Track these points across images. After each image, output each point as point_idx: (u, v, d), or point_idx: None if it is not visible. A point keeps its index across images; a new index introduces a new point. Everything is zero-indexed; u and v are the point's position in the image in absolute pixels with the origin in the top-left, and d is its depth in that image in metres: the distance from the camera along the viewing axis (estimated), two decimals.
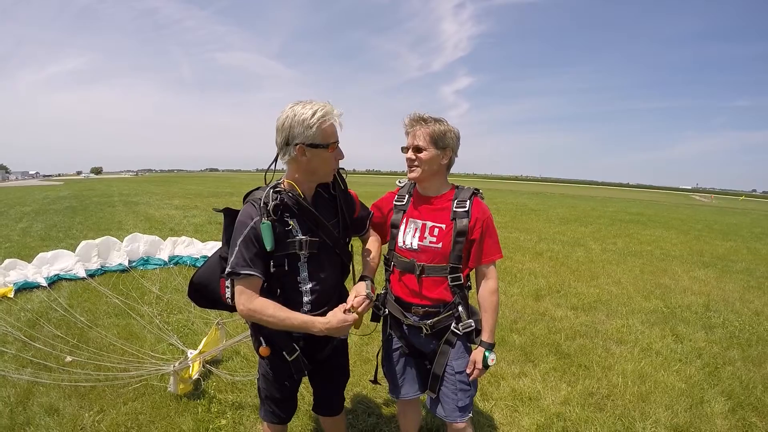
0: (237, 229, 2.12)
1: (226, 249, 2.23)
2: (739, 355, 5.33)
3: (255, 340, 2.35)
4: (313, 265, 2.26)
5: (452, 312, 2.50)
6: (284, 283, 2.23)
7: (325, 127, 2.06)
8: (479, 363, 2.45)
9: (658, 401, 4.15)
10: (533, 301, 7.10)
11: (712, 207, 49.49)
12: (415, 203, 2.59)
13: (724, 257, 12.41)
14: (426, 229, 2.49)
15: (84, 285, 6.96)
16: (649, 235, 16.46)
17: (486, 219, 2.46)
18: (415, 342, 2.63)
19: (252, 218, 2.09)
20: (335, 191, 2.39)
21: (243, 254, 2.07)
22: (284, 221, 2.15)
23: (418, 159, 2.41)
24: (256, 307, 2.08)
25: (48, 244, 10.22)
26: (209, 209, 18.84)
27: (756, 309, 7.34)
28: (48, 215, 16.72)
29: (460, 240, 2.41)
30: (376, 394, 4.07)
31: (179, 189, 37.49)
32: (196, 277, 2.49)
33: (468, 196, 2.49)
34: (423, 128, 2.39)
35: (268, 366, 2.43)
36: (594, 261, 10.76)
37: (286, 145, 2.09)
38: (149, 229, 12.54)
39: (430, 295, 2.49)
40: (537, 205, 31.01)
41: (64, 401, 3.82)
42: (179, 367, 3.88)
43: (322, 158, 2.13)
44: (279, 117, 2.10)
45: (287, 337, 2.26)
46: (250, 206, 2.13)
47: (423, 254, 2.47)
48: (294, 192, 2.18)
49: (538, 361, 4.85)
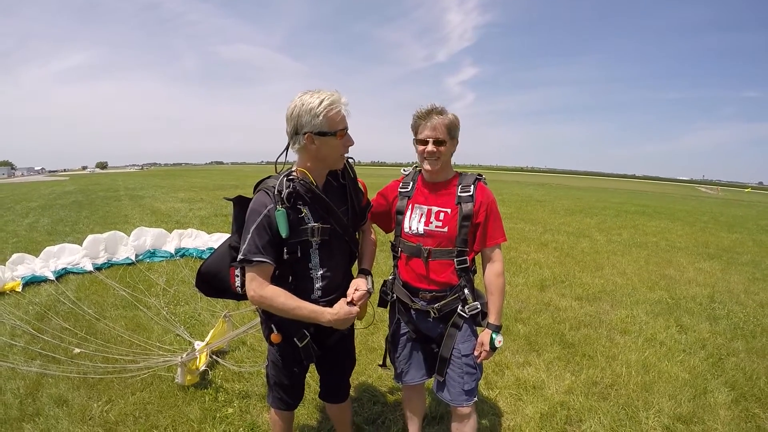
0: (250, 216, 2.15)
1: (236, 238, 2.26)
2: (743, 346, 5.33)
3: (266, 328, 2.39)
4: (324, 252, 2.30)
5: (458, 295, 2.53)
6: (296, 270, 2.27)
7: (332, 114, 2.10)
8: (486, 345, 2.48)
9: (662, 391, 4.17)
10: (538, 291, 7.12)
11: (719, 199, 49.26)
12: (420, 189, 2.63)
13: (730, 249, 12.37)
14: (432, 214, 2.52)
15: (91, 278, 7.03)
16: (654, 226, 16.41)
17: (490, 203, 2.50)
18: (423, 327, 2.67)
19: (266, 206, 2.12)
20: (344, 180, 2.43)
21: (256, 241, 2.10)
22: (297, 209, 2.19)
23: (439, 151, 2.44)
24: (267, 294, 2.12)
25: (54, 239, 10.29)
26: (215, 202, 18.95)
27: (761, 301, 7.33)
28: (54, 210, 16.82)
29: (466, 224, 2.45)
30: (381, 382, 4.11)
31: (184, 182, 37.65)
32: (205, 267, 2.53)
33: (472, 181, 2.53)
34: (440, 120, 2.41)
35: (278, 353, 2.47)
36: (599, 252, 10.76)
37: (296, 134, 2.13)
38: (155, 222, 12.61)
39: (437, 278, 2.53)
40: (542, 196, 30.99)
41: (73, 392, 3.88)
42: (187, 359, 3.93)
43: (330, 146, 2.17)
44: (288, 107, 2.13)
45: (298, 324, 2.29)
46: (264, 194, 2.16)
47: (429, 239, 2.51)
48: (306, 180, 2.22)
49: (542, 351, 4.88)
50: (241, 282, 2.28)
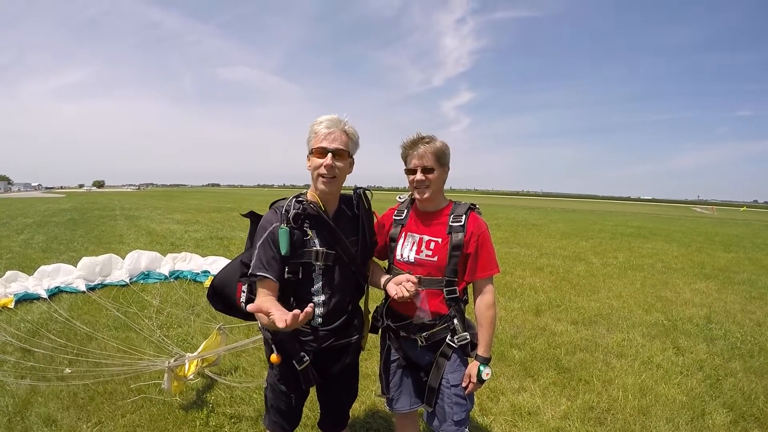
0: (257, 233, 2.23)
1: (248, 254, 2.30)
2: (741, 366, 5.29)
3: (267, 348, 2.39)
4: (327, 278, 2.30)
5: (448, 324, 2.49)
6: (297, 293, 2.27)
7: (315, 132, 2.20)
8: (474, 376, 2.44)
9: (659, 414, 4.12)
10: (533, 316, 7.07)
11: (714, 219, 49.42)
12: (414, 218, 2.62)
13: (726, 269, 12.38)
14: (423, 243, 2.50)
15: (84, 297, 6.99)
16: (650, 248, 16.44)
17: (482, 233, 2.46)
18: (412, 354, 2.64)
19: (272, 223, 2.18)
20: (359, 210, 2.45)
21: (261, 257, 2.16)
22: (303, 230, 2.23)
23: (428, 179, 2.42)
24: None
25: (49, 256, 10.28)
26: (210, 224, 19.02)
27: (758, 320, 7.32)
28: (49, 227, 16.87)
29: (456, 254, 2.42)
30: (374, 408, 4.05)
31: (180, 203, 37.84)
32: (217, 279, 2.56)
33: (464, 211, 2.50)
34: (427, 148, 2.40)
35: (277, 375, 2.45)
36: (595, 275, 10.74)
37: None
38: (150, 243, 12.62)
39: (425, 307, 2.49)
40: (538, 219, 31.06)
41: (62, 412, 3.82)
42: (174, 364, 3.87)
43: (312, 165, 2.23)
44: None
45: (298, 347, 2.30)
46: (272, 212, 2.24)
47: (419, 267, 2.48)
48: (315, 203, 2.25)
49: (537, 376, 4.82)
50: (246, 298, 2.29)
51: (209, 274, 8.33)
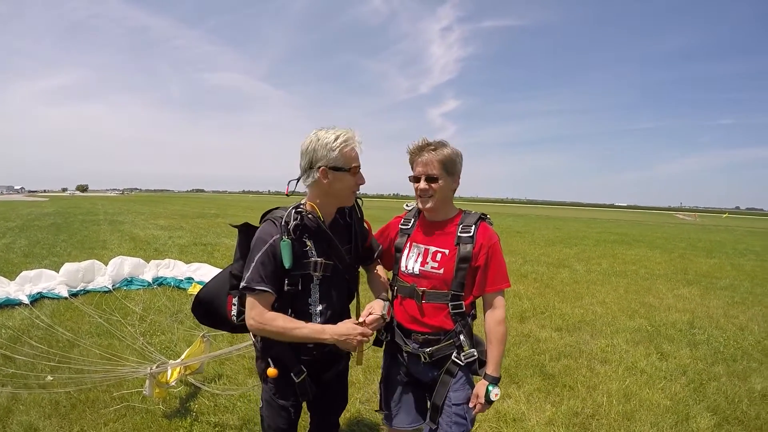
0: (256, 245, 2.15)
1: (238, 266, 2.27)
2: (725, 370, 5.34)
3: (261, 362, 2.33)
4: (324, 288, 2.27)
5: (453, 341, 2.38)
6: (295, 304, 2.23)
7: (347, 150, 2.13)
8: (481, 397, 2.30)
9: (644, 419, 4.12)
10: (518, 323, 7.07)
11: (696, 225, 49.98)
12: (420, 227, 2.52)
13: (708, 274, 12.53)
14: (429, 254, 2.41)
15: (67, 304, 6.87)
16: (633, 254, 16.59)
17: (492, 245, 2.35)
18: (414, 370, 2.52)
19: (272, 235, 2.12)
20: (351, 219, 2.41)
21: (259, 270, 2.10)
22: (302, 242, 2.19)
23: (431, 188, 2.33)
24: (266, 319, 2.10)
25: (31, 261, 10.15)
26: (195, 230, 18.83)
27: (740, 324, 7.40)
28: (32, 231, 16.67)
29: (463, 266, 2.32)
30: (367, 417, 4.01)
31: (165, 209, 37.49)
32: (203, 292, 2.51)
33: (474, 221, 2.39)
34: (433, 155, 2.30)
35: (273, 390, 2.36)
36: (579, 282, 10.80)
37: (310, 168, 2.15)
38: (134, 249, 12.47)
39: (430, 321, 2.39)
40: (522, 227, 31.18)
41: (44, 420, 3.75)
42: (156, 371, 3.80)
43: (343, 181, 2.18)
44: (303, 142, 2.17)
45: (295, 359, 2.25)
46: (271, 224, 2.17)
47: (424, 279, 2.39)
48: (315, 214, 2.21)
49: (522, 383, 4.81)
50: (237, 311, 2.26)
51: (193, 281, 8.24)
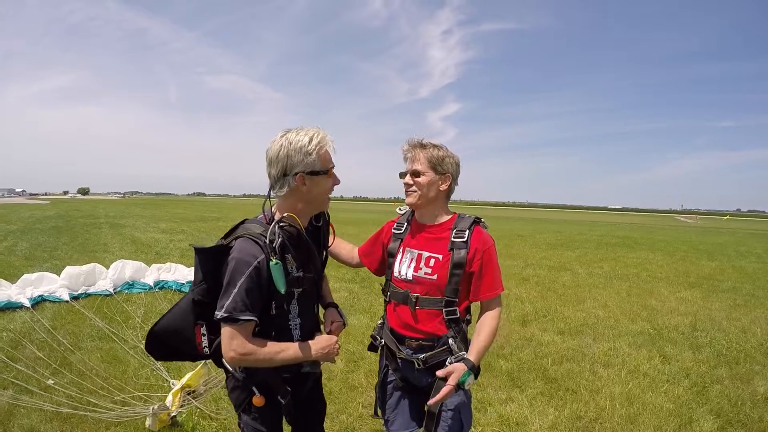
0: (236, 268, 1.87)
1: (201, 290, 1.98)
2: (727, 373, 5.31)
3: (242, 393, 2.13)
4: (302, 302, 2.14)
5: (447, 347, 2.33)
6: (277, 323, 2.07)
7: (323, 153, 1.99)
8: (455, 378, 2.16)
9: (647, 422, 4.10)
10: (520, 326, 7.04)
11: (697, 228, 49.94)
12: (413, 232, 2.47)
13: (710, 277, 12.49)
14: (422, 260, 2.36)
15: (68, 307, 6.86)
16: (635, 257, 16.55)
17: (486, 250, 2.30)
18: (410, 376, 2.49)
19: (255, 257, 1.88)
20: (319, 222, 2.30)
21: (244, 298, 1.85)
22: (284, 258, 1.97)
23: (416, 183, 2.32)
24: (249, 349, 1.89)
25: (32, 264, 10.14)
26: (196, 234, 18.83)
27: (743, 326, 7.36)
28: (33, 234, 16.67)
29: (457, 272, 2.27)
30: (362, 421, 3.98)
31: (166, 212, 37.46)
32: (161, 326, 2.13)
33: (468, 225, 2.34)
34: (422, 152, 2.31)
35: (259, 418, 2.18)
36: (580, 285, 10.77)
37: (284, 176, 1.95)
38: (135, 252, 12.46)
39: (423, 328, 2.35)
40: (524, 230, 31.15)
41: (46, 424, 3.73)
42: (158, 411, 3.78)
43: (321, 185, 2.04)
44: (270, 148, 1.97)
45: (280, 380, 2.11)
46: (251, 243, 1.91)
47: (417, 285, 2.34)
48: (296, 225, 2.02)
49: (525, 387, 4.78)
50: (208, 341, 2.02)
51: None
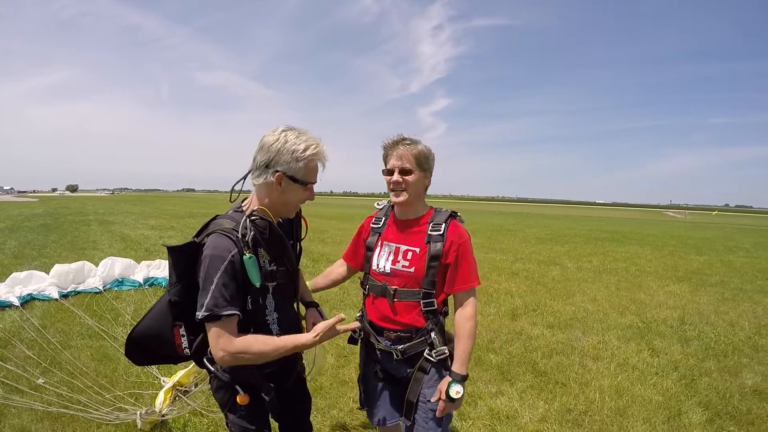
0: (211, 264, 1.86)
1: (176, 291, 1.96)
2: (715, 365, 5.35)
3: (226, 392, 2.13)
4: (277, 295, 2.12)
5: (425, 338, 2.36)
6: (255, 319, 2.04)
7: (312, 166, 1.97)
8: (443, 393, 2.24)
9: (636, 415, 4.11)
10: (509, 320, 7.05)
11: (686, 222, 50.35)
12: (391, 226, 2.50)
13: (699, 271, 12.60)
14: (399, 253, 2.38)
15: (57, 305, 6.78)
16: (624, 252, 16.66)
17: (462, 243, 2.32)
18: (389, 367, 2.51)
19: (229, 251, 1.87)
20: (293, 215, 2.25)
21: (222, 292, 1.84)
22: (257, 252, 1.98)
23: (405, 182, 2.29)
24: (238, 346, 1.87)
25: (21, 262, 10.04)
26: (185, 230, 18.62)
27: (731, 320, 7.42)
28: (22, 232, 16.50)
29: (434, 264, 2.29)
30: (353, 416, 3.97)
31: (155, 209, 37.20)
32: (139, 331, 2.13)
33: (444, 219, 2.37)
34: (408, 149, 2.29)
35: (245, 416, 2.16)
36: (570, 279, 10.81)
37: (266, 168, 1.95)
38: (124, 249, 12.34)
39: (402, 320, 2.37)
40: (513, 225, 31.26)
41: (36, 424, 3.68)
42: (146, 416, 3.74)
43: (295, 194, 2.02)
44: (267, 136, 1.96)
45: (262, 377, 2.11)
46: (223, 237, 1.90)
47: (395, 278, 2.36)
48: (267, 218, 2.02)
49: (515, 380, 4.78)
50: (188, 342, 2.02)
51: None
